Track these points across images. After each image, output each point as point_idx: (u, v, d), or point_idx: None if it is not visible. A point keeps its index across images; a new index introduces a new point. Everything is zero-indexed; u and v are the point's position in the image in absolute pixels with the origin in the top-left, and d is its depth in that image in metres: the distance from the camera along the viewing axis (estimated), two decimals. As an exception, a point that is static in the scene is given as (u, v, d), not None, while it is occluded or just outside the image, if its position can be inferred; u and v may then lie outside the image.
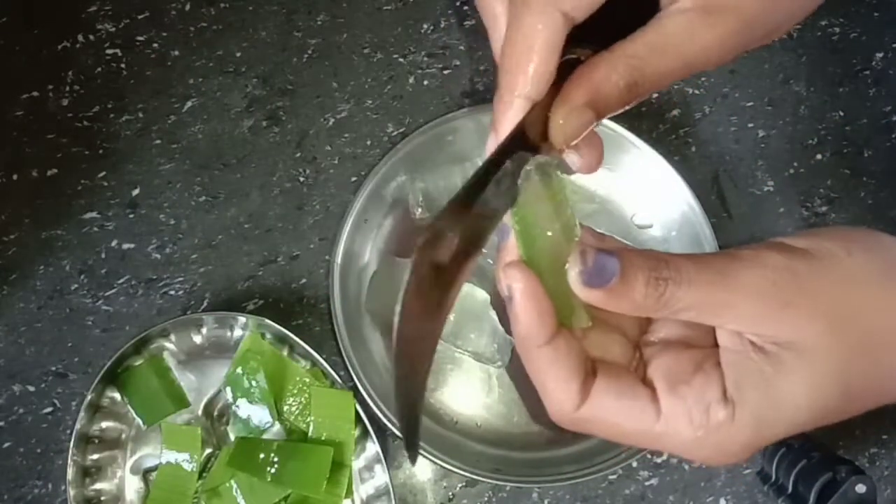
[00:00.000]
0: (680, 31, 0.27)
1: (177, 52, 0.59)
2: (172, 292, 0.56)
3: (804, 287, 0.26)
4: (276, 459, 0.48)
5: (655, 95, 0.60)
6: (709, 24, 0.27)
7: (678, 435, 0.27)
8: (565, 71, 0.28)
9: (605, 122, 0.58)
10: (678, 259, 0.26)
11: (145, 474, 0.52)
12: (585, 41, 0.29)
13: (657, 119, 0.60)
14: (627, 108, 0.29)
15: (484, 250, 0.54)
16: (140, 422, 0.51)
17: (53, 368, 0.54)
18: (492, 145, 0.28)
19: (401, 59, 0.60)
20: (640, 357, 0.30)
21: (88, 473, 0.50)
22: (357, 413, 0.50)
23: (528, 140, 0.28)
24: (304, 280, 0.56)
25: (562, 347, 0.27)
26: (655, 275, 0.26)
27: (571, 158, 0.29)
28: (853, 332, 0.26)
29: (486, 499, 0.54)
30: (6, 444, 0.53)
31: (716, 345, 0.28)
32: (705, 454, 0.27)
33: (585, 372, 0.27)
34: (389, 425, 0.51)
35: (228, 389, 0.52)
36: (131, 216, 0.57)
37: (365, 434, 0.50)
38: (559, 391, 0.27)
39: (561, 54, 0.28)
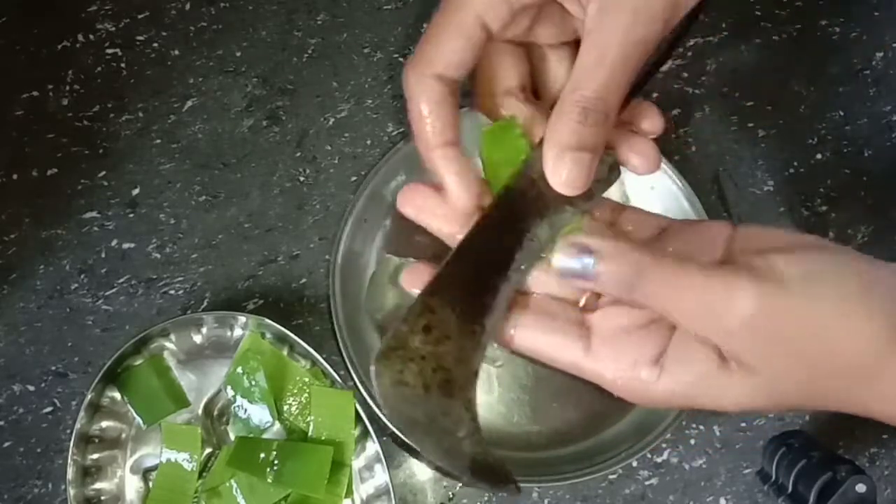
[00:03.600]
0: (593, 44, 0.30)
1: (177, 52, 0.59)
2: (172, 292, 0.56)
3: (764, 331, 0.27)
4: (276, 459, 0.48)
5: (656, 94, 0.60)
6: (610, 24, 0.29)
7: (601, 375, 0.30)
8: None
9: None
10: (657, 269, 0.28)
11: (145, 474, 0.52)
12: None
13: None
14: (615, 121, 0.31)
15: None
16: (140, 421, 0.51)
17: (53, 368, 0.54)
18: (453, 202, 0.32)
19: (401, 59, 0.60)
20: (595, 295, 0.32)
21: (88, 473, 0.50)
22: (357, 413, 0.50)
23: (541, 203, 0.31)
24: (304, 280, 0.56)
25: None
26: (628, 282, 0.28)
27: (631, 164, 0.33)
28: (801, 366, 0.28)
29: (486, 498, 0.54)
30: (6, 444, 0.53)
31: None
32: (620, 394, 0.30)
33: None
34: (390, 425, 0.51)
35: (228, 389, 0.52)
36: (131, 216, 0.57)
37: (365, 434, 0.50)
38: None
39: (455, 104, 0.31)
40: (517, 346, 0.31)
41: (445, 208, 0.32)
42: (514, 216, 0.31)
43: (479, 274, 0.30)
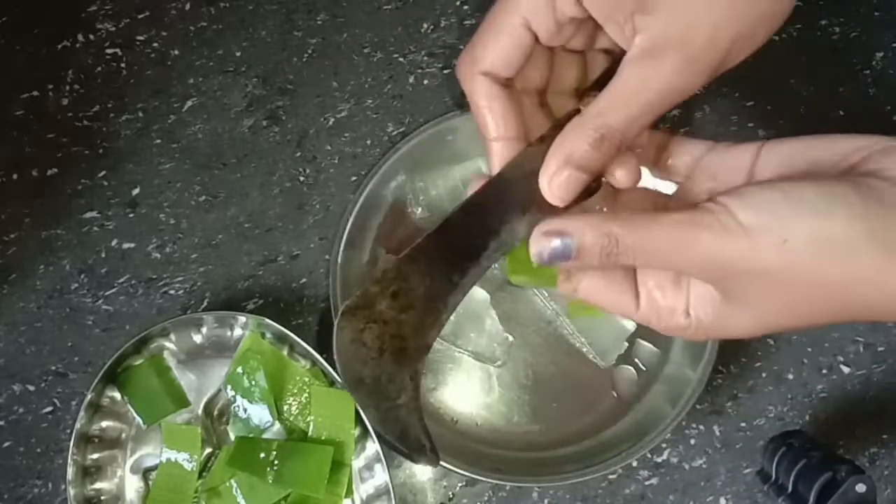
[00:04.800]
0: (632, 80, 0.30)
1: (177, 52, 0.59)
2: (172, 292, 0.56)
3: (725, 272, 0.28)
4: (276, 459, 0.48)
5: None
6: (655, 67, 0.30)
7: (649, 323, 0.33)
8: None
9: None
10: (628, 234, 0.28)
11: (145, 474, 0.52)
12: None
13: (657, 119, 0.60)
14: (626, 155, 0.32)
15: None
16: (140, 421, 0.51)
17: (53, 368, 0.54)
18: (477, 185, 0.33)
19: (401, 59, 0.60)
20: None
21: (88, 473, 0.50)
22: (357, 413, 0.50)
23: (526, 201, 0.32)
24: (304, 280, 0.56)
25: None
26: (606, 251, 0.29)
27: (613, 178, 0.33)
28: (788, 299, 0.28)
29: (486, 498, 0.54)
30: (6, 444, 0.53)
31: None
32: (669, 333, 0.33)
33: None
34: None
35: (228, 389, 0.52)
36: (131, 216, 0.57)
37: (365, 433, 0.50)
38: None
39: (513, 102, 0.33)
40: (581, 296, 0.33)
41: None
42: (499, 204, 0.32)
43: (455, 253, 0.31)
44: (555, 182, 0.31)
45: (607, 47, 0.35)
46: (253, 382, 0.51)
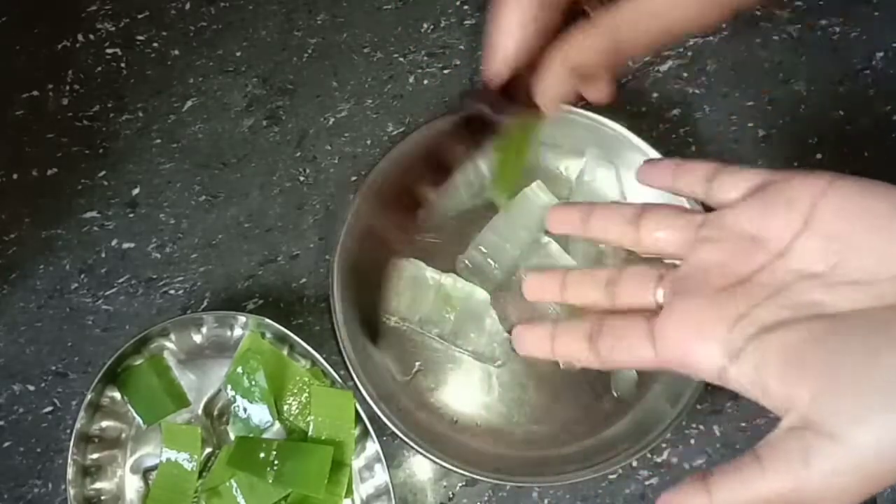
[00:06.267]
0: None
1: (177, 52, 0.59)
2: (172, 292, 0.56)
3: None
4: (276, 459, 0.48)
5: (655, 94, 0.60)
6: None
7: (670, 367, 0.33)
8: (572, 18, 0.31)
9: (606, 121, 0.57)
10: None
11: (145, 473, 0.52)
12: None
13: (657, 119, 0.60)
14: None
15: (484, 249, 0.55)
16: (140, 421, 0.51)
17: (53, 368, 0.54)
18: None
19: (401, 59, 0.60)
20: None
21: (88, 473, 0.50)
22: (357, 412, 0.50)
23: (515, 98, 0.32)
24: (304, 279, 0.56)
25: None
26: None
27: (588, 94, 0.33)
28: None
29: (486, 498, 0.54)
30: (6, 444, 0.53)
31: None
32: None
33: None
34: (389, 425, 0.51)
35: (228, 389, 0.52)
36: (131, 216, 0.57)
37: (365, 433, 0.50)
38: None
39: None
40: (609, 366, 0.34)
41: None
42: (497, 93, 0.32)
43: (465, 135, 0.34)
44: (551, 86, 0.31)
45: None
46: (253, 382, 0.51)
